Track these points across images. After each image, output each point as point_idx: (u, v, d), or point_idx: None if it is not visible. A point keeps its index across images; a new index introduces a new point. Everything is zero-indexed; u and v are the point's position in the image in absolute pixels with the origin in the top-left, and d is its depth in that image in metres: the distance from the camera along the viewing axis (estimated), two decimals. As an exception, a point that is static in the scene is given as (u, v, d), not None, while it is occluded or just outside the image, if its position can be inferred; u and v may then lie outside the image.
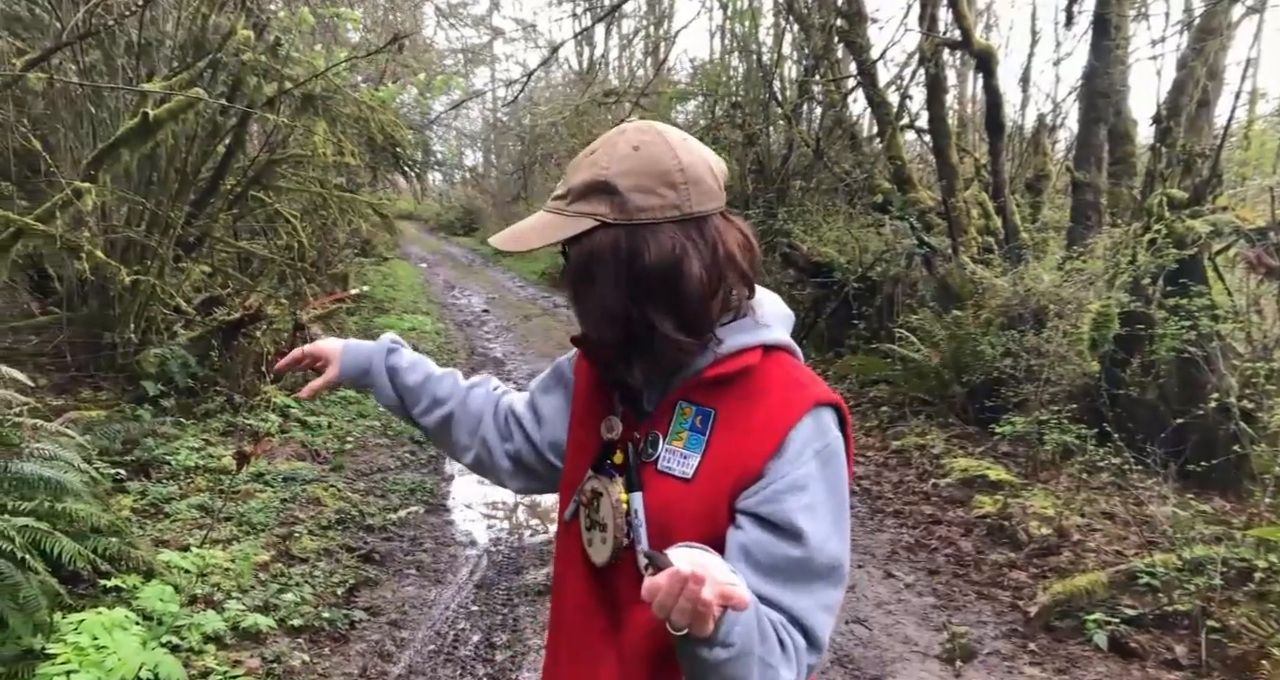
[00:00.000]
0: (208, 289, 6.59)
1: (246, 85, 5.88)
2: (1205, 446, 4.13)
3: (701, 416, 1.03)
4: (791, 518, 0.96)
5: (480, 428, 1.32)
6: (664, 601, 0.80)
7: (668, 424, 1.05)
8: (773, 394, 1.02)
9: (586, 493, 1.08)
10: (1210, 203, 4.78)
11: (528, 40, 21.20)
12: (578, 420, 1.18)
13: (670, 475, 1.02)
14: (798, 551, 0.97)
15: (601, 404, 1.13)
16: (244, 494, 4.47)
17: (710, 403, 1.04)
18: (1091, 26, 7.15)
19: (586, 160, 1.01)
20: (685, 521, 1.00)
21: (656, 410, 1.06)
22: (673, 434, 1.04)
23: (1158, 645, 3.27)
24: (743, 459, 0.99)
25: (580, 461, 1.13)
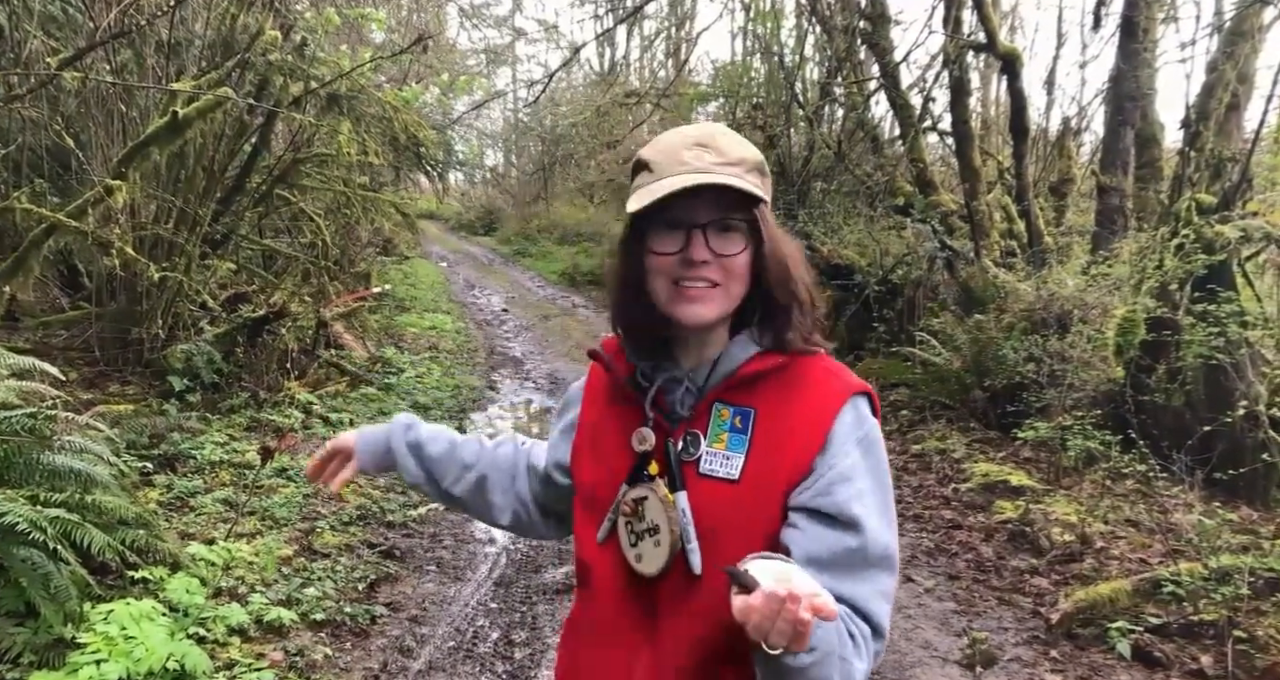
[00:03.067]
0: (233, 286, 6.68)
1: (273, 85, 5.94)
2: (1233, 454, 4.07)
3: (741, 417, 1.04)
4: (846, 508, 0.98)
5: (514, 485, 1.30)
6: (761, 624, 0.79)
7: (706, 426, 1.04)
8: (810, 387, 1.04)
9: (628, 503, 1.05)
10: (1240, 208, 4.72)
11: (549, 41, 21.30)
12: (594, 440, 1.14)
13: (714, 477, 1.02)
14: (855, 541, 0.98)
15: (624, 418, 1.10)
16: (267, 489, 4.52)
17: (749, 402, 1.05)
18: (1119, 29, 7.07)
19: (726, 140, 1.03)
20: (737, 523, 1.01)
21: (692, 414, 1.05)
22: (713, 437, 1.04)
23: (1183, 655, 3.23)
24: (792, 455, 1.01)
25: (609, 479, 1.09)
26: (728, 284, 1.03)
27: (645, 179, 1.03)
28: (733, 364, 1.06)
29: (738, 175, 1.00)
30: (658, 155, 1.03)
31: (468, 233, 25.33)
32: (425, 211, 21.92)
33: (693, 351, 1.09)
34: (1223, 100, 5.89)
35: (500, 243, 21.96)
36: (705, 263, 1.01)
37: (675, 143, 1.03)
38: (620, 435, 1.10)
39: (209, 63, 5.59)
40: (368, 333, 8.18)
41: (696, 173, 0.99)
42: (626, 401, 1.11)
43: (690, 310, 1.02)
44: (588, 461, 1.14)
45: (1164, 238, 4.95)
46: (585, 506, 1.13)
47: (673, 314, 1.03)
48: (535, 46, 24.66)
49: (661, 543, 1.02)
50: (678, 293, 1.02)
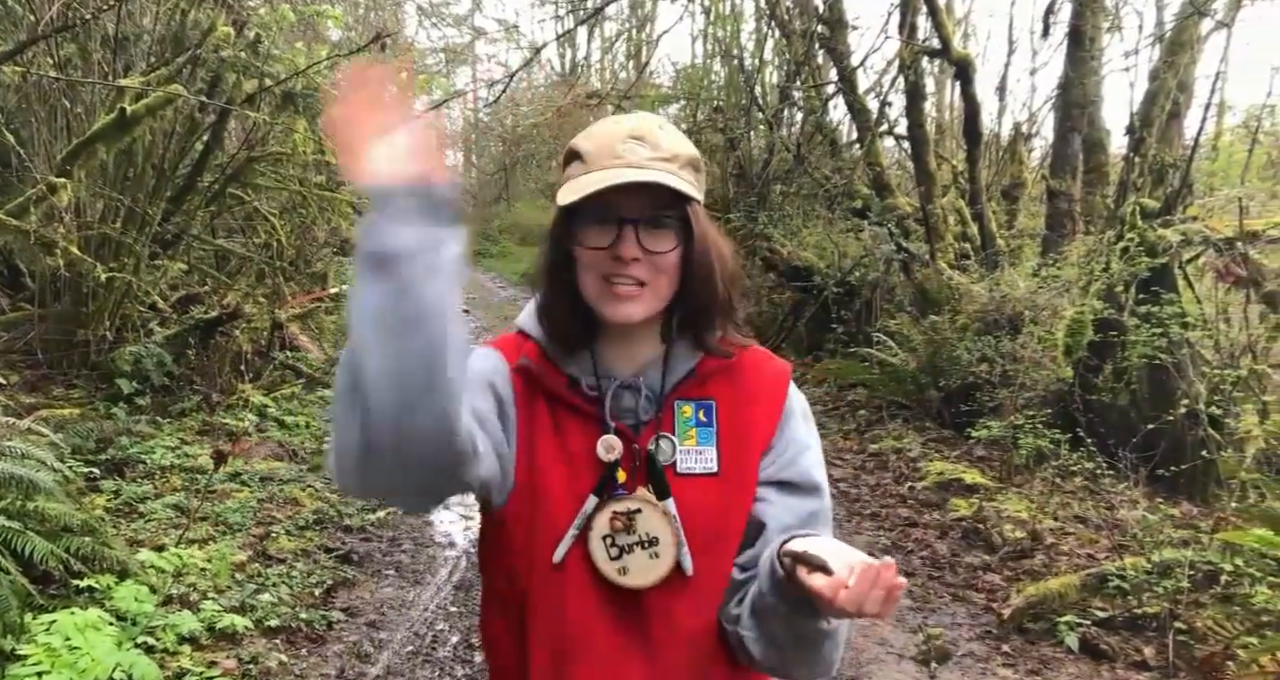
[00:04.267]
0: (185, 287, 6.53)
1: (226, 82, 5.83)
2: (1175, 451, 4.21)
3: (704, 410, 1.05)
4: (809, 474, 1.06)
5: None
6: (856, 597, 0.83)
7: (672, 426, 1.03)
8: (753, 371, 1.08)
9: (619, 517, 1.00)
10: (1181, 212, 4.88)
11: (510, 41, 21.16)
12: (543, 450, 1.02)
13: (694, 475, 1.02)
14: (817, 504, 1.06)
15: (572, 428, 1.03)
16: (220, 494, 4.43)
17: (706, 394, 1.06)
18: (1067, 37, 7.27)
19: (663, 135, 1.01)
20: (727, 513, 1.03)
21: (655, 416, 1.04)
22: (682, 435, 1.03)
23: (1127, 647, 3.33)
24: (758, 436, 1.05)
25: (568, 494, 1.01)
26: (656, 282, 1.00)
27: (577, 170, 1.01)
28: (689, 364, 1.05)
29: (672, 171, 0.99)
30: (591, 146, 1.01)
31: (427, 233, 24.98)
32: (383, 211, 21.59)
33: (622, 351, 1.06)
34: (1164, 108, 6.09)
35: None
36: (635, 260, 0.98)
37: (610, 134, 1.01)
38: (573, 446, 1.02)
39: (158, 58, 5.46)
40: (324, 334, 8.05)
41: (629, 167, 0.97)
42: (570, 410, 1.04)
43: (620, 309, 1.00)
44: (542, 476, 1.02)
45: (1110, 241, 5.10)
46: (538, 522, 1.01)
47: (601, 311, 1.01)
48: (495, 46, 24.53)
49: (661, 553, 1.00)
50: (607, 290, 1.00)
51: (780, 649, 0.99)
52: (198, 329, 5.69)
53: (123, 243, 5.40)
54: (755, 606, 0.99)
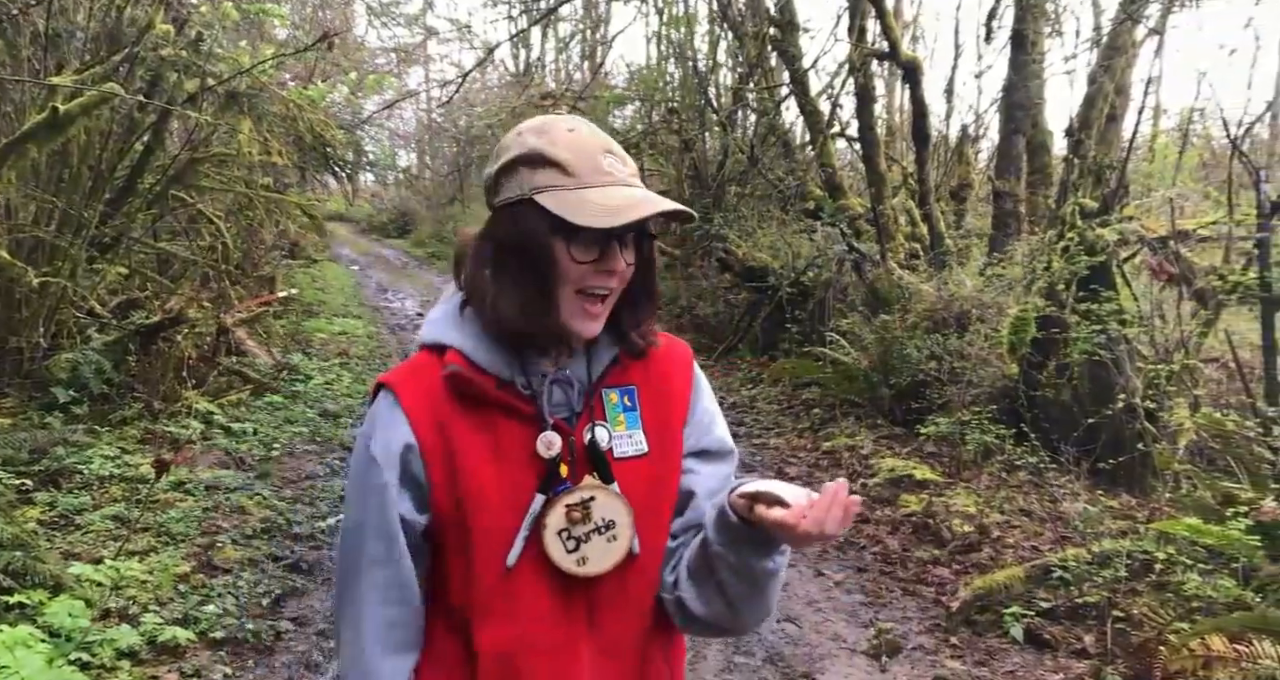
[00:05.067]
0: (125, 291, 6.34)
1: (166, 81, 5.68)
2: (1114, 445, 4.33)
3: (628, 395, 1.09)
4: (725, 440, 1.15)
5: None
6: (817, 518, 0.89)
7: (603, 414, 1.07)
8: (663, 352, 1.13)
9: (577, 507, 1.01)
10: (1118, 212, 5.03)
11: (463, 41, 20.97)
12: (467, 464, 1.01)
13: (628, 458, 1.06)
14: (731, 465, 1.16)
15: (503, 430, 1.02)
16: (163, 503, 4.31)
17: (627, 380, 1.10)
18: (1010, 42, 7.45)
19: (619, 147, 1.04)
20: (666, 489, 1.10)
21: (585, 407, 1.06)
22: (613, 421, 1.07)
23: (1069, 636, 3.42)
24: (677, 413, 1.12)
25: (512, 498, 1.01)
26: (614, 294, 1.04)
27: (562, 180, 0.98)
28: (612, 353, 1.09)
29: (656, 192, 1.04)
30: (569, 156, 0.99)
31: (380, 235, 24.71)
32: (334, 213, 21.31)
33: (550, 349, 1.07)
34: (1103, 111, 6.27)
35: (414, 245, 21.50)
36: (619, 273, 1.02)
37: (584, 146, 1.00)
38: (508, 448, 1.02)
39: (93, 56, 5.30)
40: (273, 339, 7.89)
41: (623, 185, 1.00)
42: (504, 412, 1.03)
43: (589, 326, 1.02)
44: (475, 489, 1.01)
45: (1051, 240, 5.24)
46: (477, 537, 1.01)
47: (570, 325, 1.01)
48: (448, 46, 24.30)
49: (619, 536, 1.04)
50: (579, 306, 1.01)
51: (727, 602, 1.04)
52: (139, 334, 5.53)
53: (57, 246, 5.23)
54: (693, 566, 1.05)
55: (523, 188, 1.00)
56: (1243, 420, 3.74)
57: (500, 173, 1.03)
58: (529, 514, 1.01)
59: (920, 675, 3.30)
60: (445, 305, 1.10)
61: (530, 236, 0.99)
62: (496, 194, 1.03)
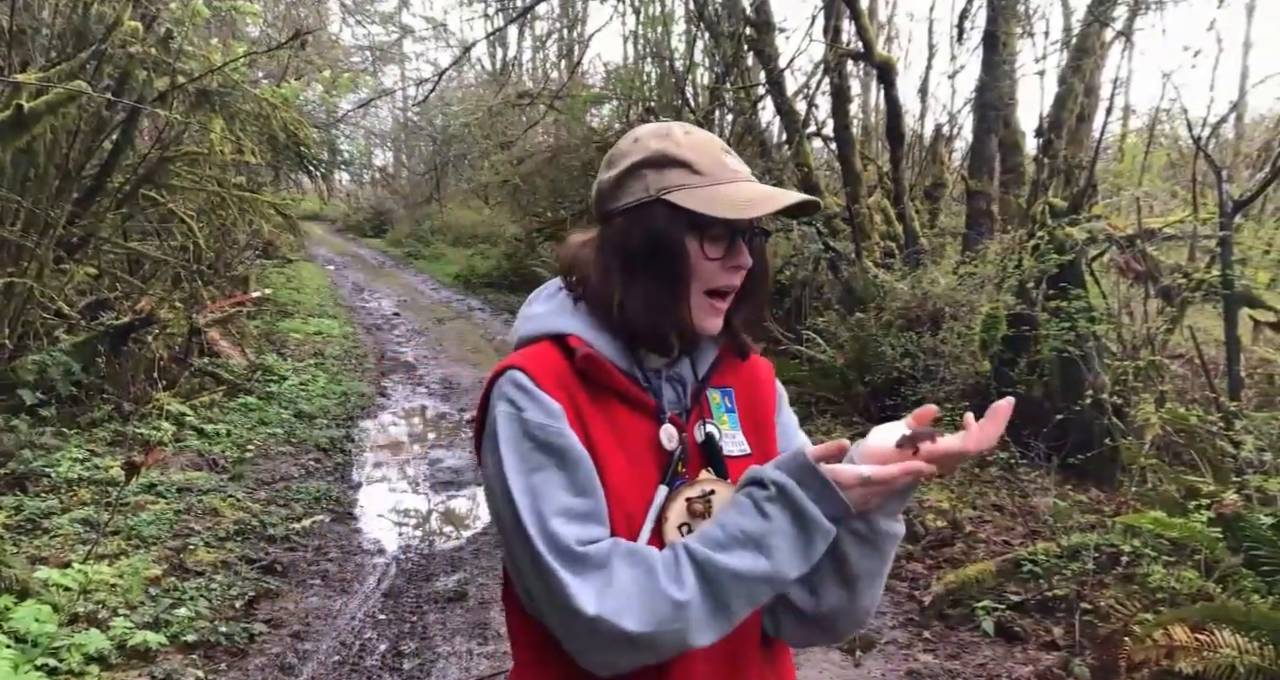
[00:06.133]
0: (94, 292, 6.25)
1: (135, 79, 5.60)
2: (1083, 440, 4.40)
3: (728, 396, 1.11)
4: (809, 443, 1.13)
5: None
6: (992, 433, 0.92)
7: (709, 413, 1.08)
8: (747, 359, 1.15)
9: (698, 500, 1.01)
10: (1086, 211, 5.11)
11: (439, 39, 20.88)
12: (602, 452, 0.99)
13: (734, 457, 1.07)
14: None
15: (626, 420, 1.02)
16: (134, 506, 4.26)
17: (725, 382, 1.12)
18: (982, 42, 7.54)
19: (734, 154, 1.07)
20: None
21: (696, 405, 1.08)
22: (717, 420, 1.08)
23: (1039, 628, 3.47)
24: (769, 417, 1.15)
25: (639, 488, 1.00)
26: (734, 291, 1.06)
27: (692, 179, 1.01)
28: (713, 354, 1.10)
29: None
30: (696, 156, 1.02)
31: (356, 234, 24.52)
32: (309, 213, 21.11)
33: (666, 347, 1.07)
34: (1073, 111, 6.36)
35: (391, 244, 21.36)
36: (743, 269, 1.04)
37: (707, 146, 1.04)
38: (631, 439, 1.02)
39: (59, 53, 5.22)
40: (246, 339, 7.81)
41: (749, 181, 1.03)
42: (626, 403, 1.03)
43: (714, 322, 1.04)
44: (610, 474, 0.99)
45: (1022, 239, 5.31)
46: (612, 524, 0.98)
47: (699, 323, 1.03)
48: (424, 44, 24.13)
49: None
50: (707, 303, 1.03)
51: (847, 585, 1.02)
52: (108, 336, 5.46)
53: (23, 247, 5.15)
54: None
55: (649, 189, 1.02)
56: (1206, 415, 3.82)
57: (622, 178, 1.04)
58: (654, 505, 1.00)
59: (894, 669, 3.34)
60: (550, 301, 1.09)
61: (663, 235, 1.01)
62: (616, 200, 1.04)
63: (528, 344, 1.06)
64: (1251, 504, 2.95)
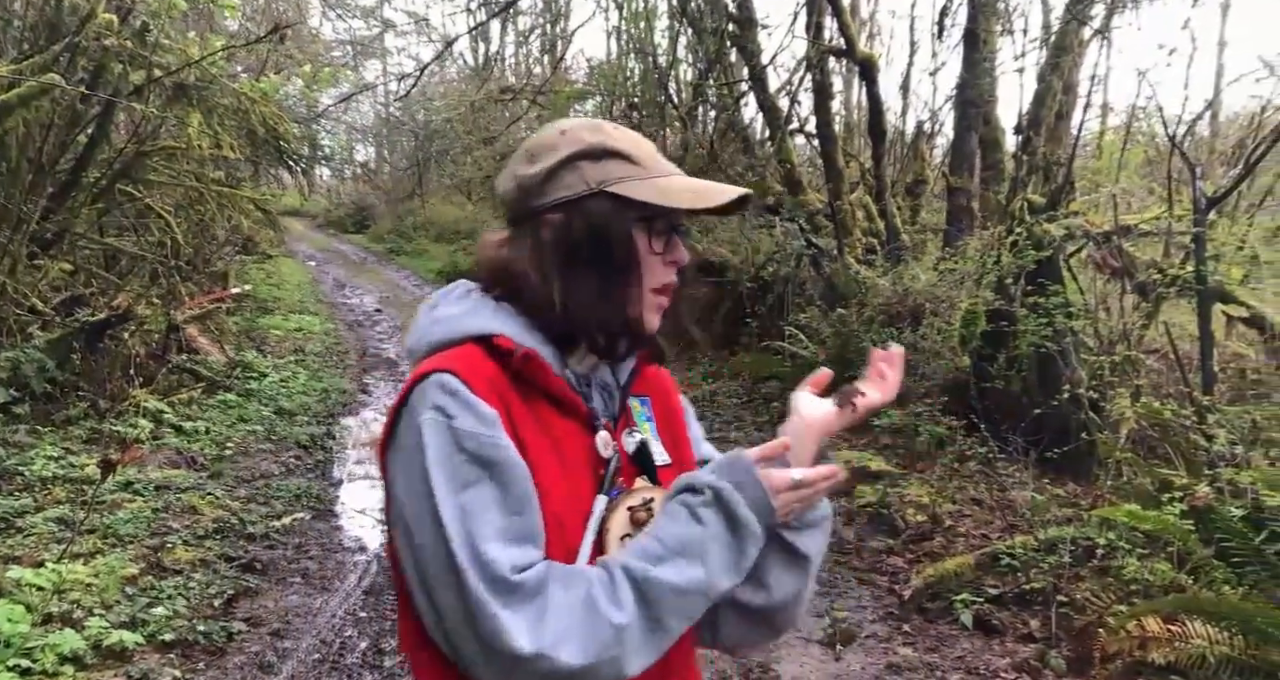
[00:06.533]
0: (69, 288, 6.17)
1: (110, 72, 5.53)
2: (1060, 434, 4.45)
3: (645, 405, 1.09)
4: (715, 453, 1.13)
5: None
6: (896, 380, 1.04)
7: (633, 421, 1.06)
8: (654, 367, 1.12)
9: (640, 509, 0.97)
10: (1064, 208, 5.16)
11: (420, 34, 20.75)
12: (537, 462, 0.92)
13: (659, 466, 1.05)
14: None
15: (560, 427, 0.97)
16: (110, 505, 4.22)
17: (642, 391, 1.09)
18: (963, 40, 7.58)
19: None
20: None
21: (621, 412, 1.05)
22: (641, 429, 1.06)
23: (1016, 621, 3.51)
24: (680, 426, 1.13)
25: (572, 497, 0.94)
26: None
27: (633, 171, 0.98)
28: (632, 362, 1.07)
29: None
30: (634, 149, 0.99)
31: (337, 230, 24.33)
32: (290, 208, 20.92)
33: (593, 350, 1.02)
34: (1052, 108, 6.41)
35: (373, 240, 21.22)
36: (680, 266, 1.01)
37: (640, 139, 1.02)
38: (566, 447, 0.96)
39: (31, 46, 5.14)
40: (226, 336, 7.74)
41: (681, 175, 1.01)
42: (560, 410, 0.98)
43: (657, 320, 1.01)
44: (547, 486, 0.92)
45: (1001, 235, 5.35)
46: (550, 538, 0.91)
47: (646, 322, 0.99)
48: (405, 39, 23.98)
49: None
50: (652, 301, 0.99)
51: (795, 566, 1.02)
52: (84, 332, 5.39)
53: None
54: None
55: (589, 182, 0.97)
56: (1180, 409, 3.87)
57: (554, 171, 0.98)
58: (593, 517, 0.94)
59: (873, 663, 3.37)
60: (463, 302, 1.01)
61: (609, 228, 0.96)
62: (546, 195, 0.98)
63: (443, 349, 0.96)
64: (1223, 496, 3.00)
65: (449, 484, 0.85)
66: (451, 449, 0.87)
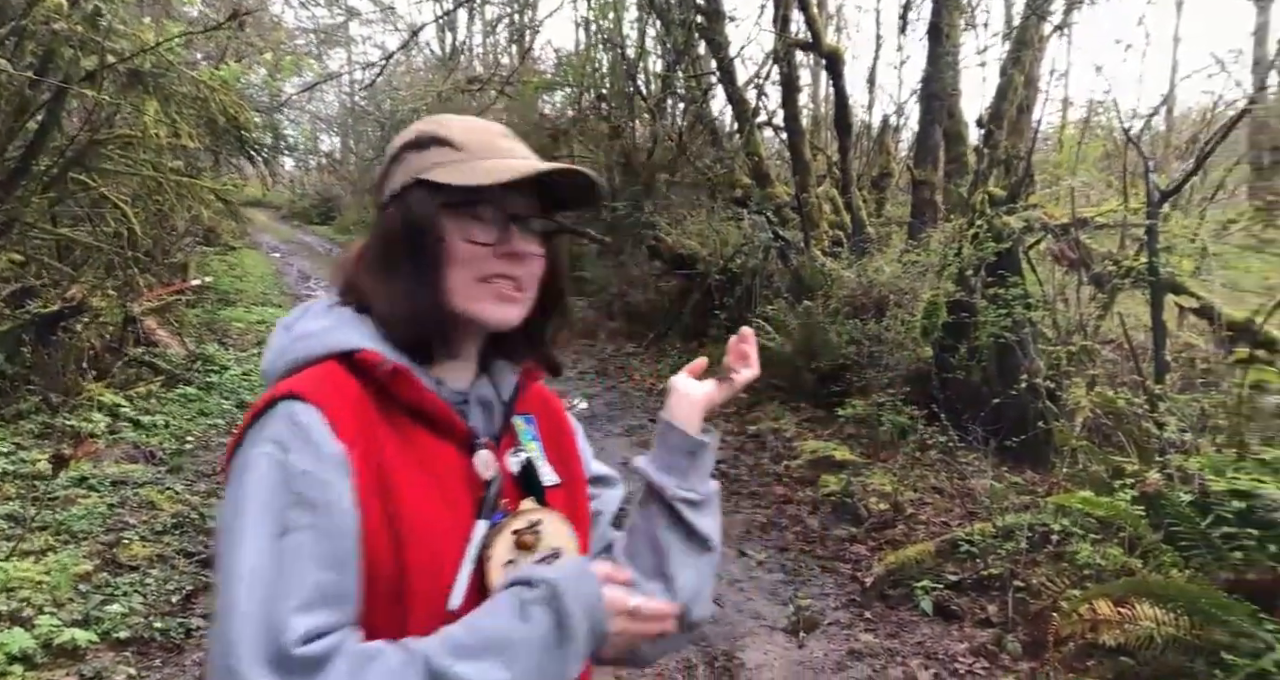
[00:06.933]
0: (20, 279, 6.00)
1: (61, 57, 5.38)
2: (1019, 423, 4.53)
3: (531, 424, 1.03)
4: (609, 469, 1.14)
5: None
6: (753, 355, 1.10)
7: (518, 440, 1.00)
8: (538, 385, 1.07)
9: (526, 533, 0.91)
10: (1024, 200, 5.24)
11: (386, 22, 20.45)
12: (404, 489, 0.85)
13: (547, 487, 0.99)
14: (623, 490, 1.14)
15: (431, 448, 0.90)
16: (63, 500, 4.13)
17: (527, 409, 1.04)
18: (927, 34, 7.64)
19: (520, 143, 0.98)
20: (582, 518, 1.03)
21: (504, 431, 0.99)
22: (527, 447, 1.00)
23: (974, 606, 3.57)
24: (568, 443, 1.08)
25: (452, 525, 0.88)
26: (530, 287, 0.95)
27: (452, 156, 0.92)
28: (514, 377, 1.02)
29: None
30: (463, 135, 0.94)
31: (302, 221, 24.00)
32: (252, 199, 20.58)
33: (454, 365, 0.96)
34: (1013, 102, 6.50)
35: (339, 232, 20.95)
36: (525, 259, 0.93)
37: (479, 127, 0.96)
38: (440, 469, 0.90)
39: (-23, 29, 4.98)
40: (185, 328, 7.60)
41: (520, 159, 0.93)
42: (433, 429, 0.91)
43: (502, 310, 0.92)
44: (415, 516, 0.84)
45: (963, 228, 5.42)
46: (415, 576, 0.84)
47: (478, 312, 0.91)
48: (371, 28, 23.59)
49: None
50: (486, 290, 0.91)
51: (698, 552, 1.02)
52: (35, 324, 5.26)
53: (-57, 232, 4.93)
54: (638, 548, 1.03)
55: (410, 173, 0.93)
56: (1133, 398, 3.96)
57: (388, 166, 0.96)
58: (472, 544, 0.88)
59: (835, 649, 3.41)
60: (326, 316, 0.94)
61: (418, 217, 0.91)
62: (383, 192, 0.96)
63: (301, 368, 0.88)
64: (1172, 482, 3.08)
65: (264, 526, 0.78)
66: (277, 489, 0.79)
